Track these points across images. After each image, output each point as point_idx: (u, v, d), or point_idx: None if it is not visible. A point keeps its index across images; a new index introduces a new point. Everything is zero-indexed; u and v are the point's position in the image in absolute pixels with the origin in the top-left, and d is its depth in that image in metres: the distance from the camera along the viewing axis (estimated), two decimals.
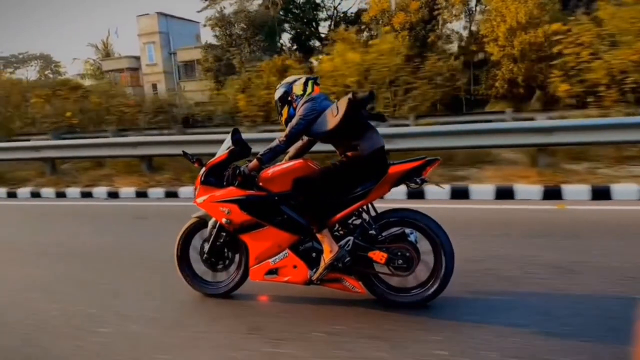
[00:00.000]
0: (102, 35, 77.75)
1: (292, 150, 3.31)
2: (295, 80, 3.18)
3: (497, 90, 18.20)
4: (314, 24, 28.81)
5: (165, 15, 36.19)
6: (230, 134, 3.22)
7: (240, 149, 3.20)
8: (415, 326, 2.77)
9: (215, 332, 2.87)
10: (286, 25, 27.99)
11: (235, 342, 2.71)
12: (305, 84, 3.12)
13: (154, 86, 35.55)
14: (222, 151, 3.21)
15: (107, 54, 41.46)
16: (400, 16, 20.65)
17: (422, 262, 2.96)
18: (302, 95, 3.10)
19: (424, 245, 2.96)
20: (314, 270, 3.00)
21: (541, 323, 2.70)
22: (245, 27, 25.45)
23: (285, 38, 28.50)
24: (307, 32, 28.32)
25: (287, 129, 3.01)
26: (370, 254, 2.94)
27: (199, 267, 3.38)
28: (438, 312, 2.91)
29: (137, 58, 37.47)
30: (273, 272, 3.11)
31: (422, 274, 3.00)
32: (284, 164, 3.15)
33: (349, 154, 2.95)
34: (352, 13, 27.93)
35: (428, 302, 2.97)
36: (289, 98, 3.14)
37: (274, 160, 3.10)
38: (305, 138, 3.21)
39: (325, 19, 28.68)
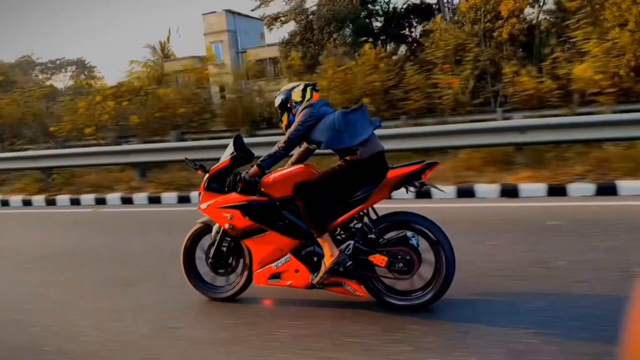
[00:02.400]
0: (139, 39, 79.04)
1: (294, 155, 3.36)
2: (294, 87, 3.21)
3: None
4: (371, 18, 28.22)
5: (233, 12, 34.71)
6: (232, 140, 3.26)
7: (243, 155, 3.24)
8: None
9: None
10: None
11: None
12: (304, 91, 3.16)
13: (222, 87, 35.93)
14: (224, 157, 3.26)
15: (166, 56, 39.51)
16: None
17: (423, 265, 2.94)
18: (301, 101, 3.13)
19: (425, 249, 2.95)
20: (315, 274, 3.02)
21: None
22: (326, 21, 25.05)
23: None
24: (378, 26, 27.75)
25: (286, 135, 3.05)
26: (371, 258, 2.93)
27: (206, 272, 3.45)
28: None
29: (202, 58, 36.61)
30: (276, 276, 3.14)
31: (423, 278, 2.99)
32: (285, 169, 3.19)
33: (348, 158, 2.97)
34: (401, 9, 27.11)
35: (429, 305, 2.95)
36: (288, 105, 3.17)
37: (275, 165, 3.14)
38: (306, 143, 3.23)
39: (380, 14, 27.93)
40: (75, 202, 8.34)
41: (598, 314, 2.72)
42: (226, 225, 3.14)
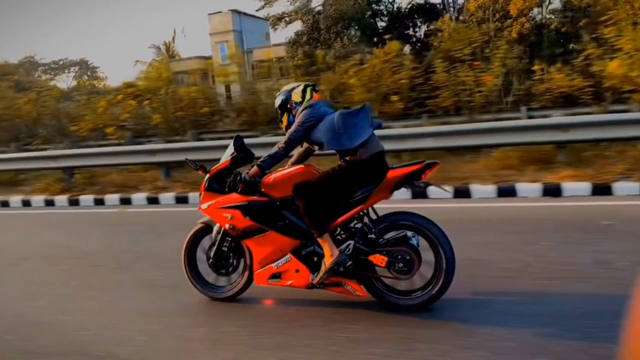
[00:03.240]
0: (140, 39, 78.44)
1: (294, 155, 3.37)
2: (294, 88, 3.22)
3: None
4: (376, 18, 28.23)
5: (239, 12, 34.96)
6: (232, 141, 3.28)
7: (243, 155, 3.26)
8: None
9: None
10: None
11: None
12: (304, 91, 3.17)
13: (227, 87, 35.80)
14: (225, 158, 3.28)
15: (171, 56, 39.48)
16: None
17: (423, 265, 2.95)
18: (301, 102, 3.14)
19: (425, 249, 2.95)
20: (316, 274, 3.03)
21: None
22: (333, 20, 24.96)
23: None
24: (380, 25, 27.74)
25: (286, 136, 3.06)
26: (371, 258, 2.95)
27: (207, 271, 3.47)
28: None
29: (207, 58, 34.37)
30: (276, 276, 3.15)
31: (423, 277, 3.00)
32: (285, 170, 3.21)
33: (348, 158, 2.98)
34: (406, 9, 27.13)
35: (429, 305, 2.96)
36: (288, 105, 3.19)
37: (276, 166, 3.15)
38: (306, 144, 3.25)
39: (385, 14, 27.93)
40: (99, 202, 8.23)
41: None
42: (227, 226, 3.16)
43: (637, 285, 1.05)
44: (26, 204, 8.83)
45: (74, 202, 8.43)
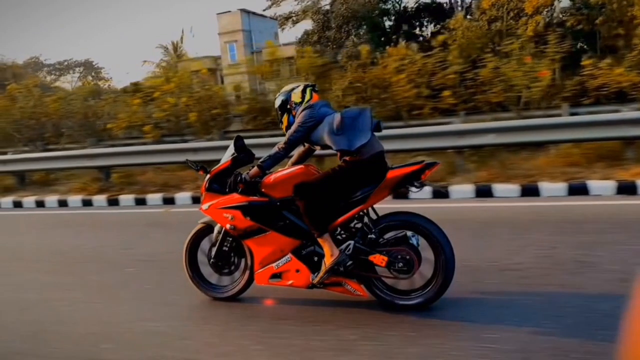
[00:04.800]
0: (142, 39, 77.81)
1: (294, 156, 3.39)
2: (293, 89, 3.23)
3: None
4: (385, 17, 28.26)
5: (248, 12, 34.36)
6: (233, 141, 3.30)
7: (244, 155, 3.29)
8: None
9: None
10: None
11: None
12: (304, 92, 3.18)
13: (236, 87, 35.50)
14: (225, 158, 3.30)
15: (179, 56, 39.62)
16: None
17: (423, 265, 2.97)
18: (301, 102, 3.16)
19: (425, 248, 2.97)
20: (316, 274, 3.05)
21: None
22: (344, 19, 24.56)
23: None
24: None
25: (286, 136, 3.07)
26: (371, 258, 2.96)
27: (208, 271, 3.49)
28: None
29: (216, 58, 35.06)
30: (277, 276, 3.18)
31: (423, 277, 3.02)
32: (285, 170, 3.22)
33: (347, 158, 2.98)
34: (412, 8, 27.18)
35: (429, 305, 2.98)
36: (288, 106, 3.20)
37: (276, 166, 3.17)
38: (306, 144, 3.26)
39: (392, 13, 27.93)
40: (140, 202, 8.03)
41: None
42: (227, 226, 3.18)
43: (637, 285, 1.05)
44: (62, 204, 8.62)
45: (113, 202, 8.24)
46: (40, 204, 8.83)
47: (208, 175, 3.35)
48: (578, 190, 5.94)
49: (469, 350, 2.51)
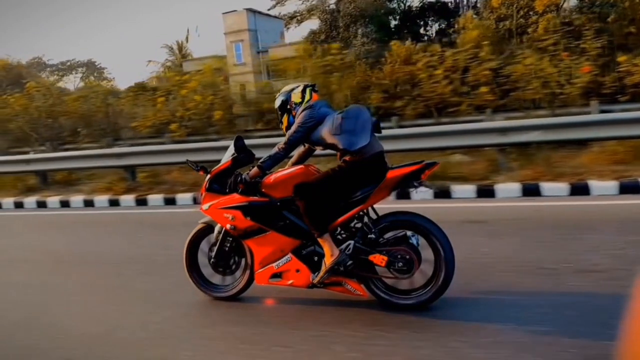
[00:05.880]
0: (143, 39, 77.10)
1: (294, 156, 3.39)
2: (293, 89, 3.23)
3: None
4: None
5: (254, 11, 33.95)
6: (233, 142, 3.30)
7: (244, 156, 3.30)
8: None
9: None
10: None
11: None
12: (304, 92, 3.18)
13: (242, 87, 35.38)
14: (226, 159, 3.31)
15: (184, 56, 39.69)
16: None
17: (423, 264, 2.97)
18: (301, 103, 3.16)
19: (424, 248, 2.98)
20: (316, 273, 3.06)
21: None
22: (352, 18, 24.51)
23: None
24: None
25: (286, 137, 3.07)
26: (371, 258, 2.97)
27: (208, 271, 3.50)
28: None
29: (221, 57, 32.75)
30: (277, 275, 3.19)
31: (422, 277, 3.03)
32: (285, 170, 3.24)
33: (347, 158, 2.99)
34: (416, 8, 27.21)
35: (428, 305, 2.98)
36: (288, 106, 3.21)
37: (276, 166, 3.18)
38: (306, 144, 3.27)
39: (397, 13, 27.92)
40: (170, 202, 7.86)
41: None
42: (228, 226, 3.19)
43: (637, 284, 1.03)
44: (88, 204, 8.49)
45: (141, 202, 8.08)
46: (65, 204, 8.70)
47: (208, 176, 3.35)
48: (630, 188, 5.81)
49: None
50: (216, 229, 3.39)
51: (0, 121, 13.48)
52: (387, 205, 3.25)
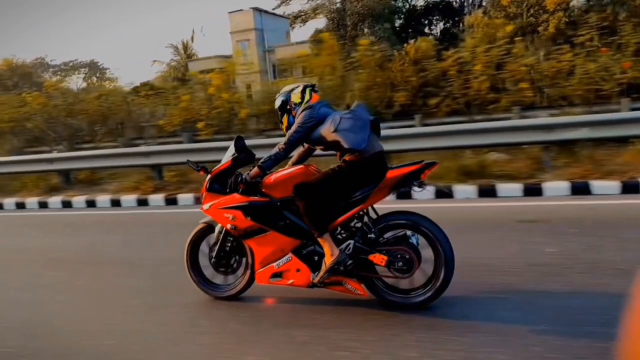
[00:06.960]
0: (144, 39, 77.32)
1: (294, 156, 3.41)
2: (293, 89, 3.24)
3: None
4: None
5: (260, 10, 34.17)
6: (233, 142, 3.32)
7: (244, 156, 3.31)
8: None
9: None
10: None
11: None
12: (303, 92, 3.19)
13: (248, 87, 35.25)
14: (226, 159, 3.32)
15: (189, 55, 39.77)
16: None
17: (423, 264, 2.98)
18: (301, 103, 3.17)
19: (424, 248, 2.98)
20: (316, 273, 3.07)
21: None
22: (360, 17, 24.59)
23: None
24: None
25: (286, 137, 3.08)
26: (371, 257, 2.98)
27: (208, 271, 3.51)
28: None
29: (227, 57, 32.95)
30: (277, 275, 3.21)
31: (422, 276, 3.03)
32: (285, 170, 3.25)
33: (347, 158, 3.00)
34: (421, 7, 27.25)
35: (428, 304, 2.99)
36: (288, 106, 3.22)
37: (276, 166, 3.19)
38: (306, 144, 3.28)
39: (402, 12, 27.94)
40: (200, 202, 7.98)
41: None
42: (228, 226, 3.21)
43: (637, 284, 1.01)
44: (115, 203, 8.35)
45: (171, 202, 7.93)
46: (90, 204, 8.56)
47: (209, 176, 3.36)
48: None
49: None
50: (217, 228, 3.40)
51: (18, 120, 13.32)
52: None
